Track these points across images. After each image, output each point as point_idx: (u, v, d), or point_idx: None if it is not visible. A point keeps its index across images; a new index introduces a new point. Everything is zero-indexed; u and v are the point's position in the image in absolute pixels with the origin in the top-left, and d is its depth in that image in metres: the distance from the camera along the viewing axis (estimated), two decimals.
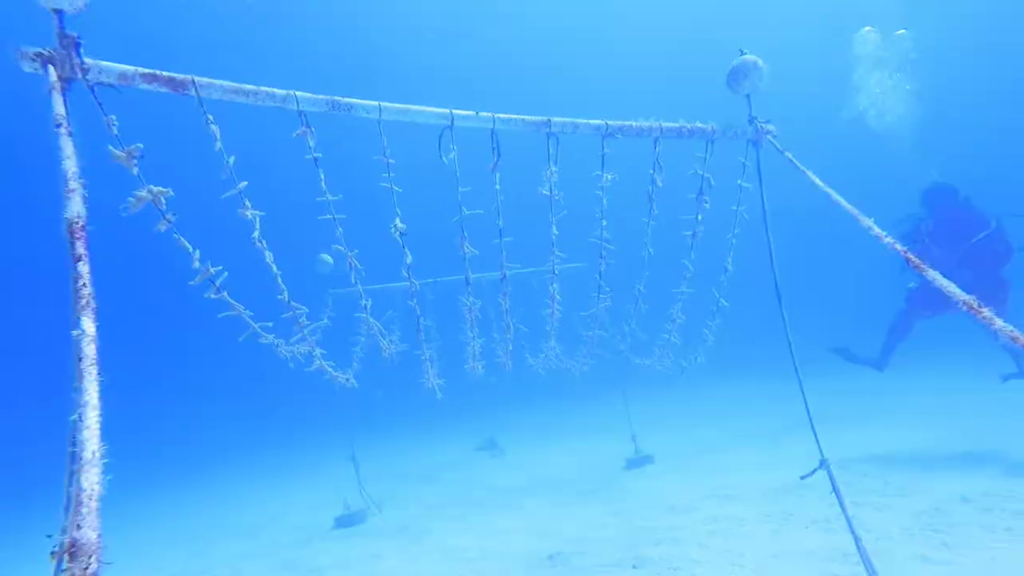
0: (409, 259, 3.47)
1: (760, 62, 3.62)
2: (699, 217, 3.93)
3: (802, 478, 3.48)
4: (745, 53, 3.63)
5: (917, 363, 6.23)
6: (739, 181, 3.85)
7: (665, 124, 3.51)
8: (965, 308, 1.75)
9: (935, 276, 1.94)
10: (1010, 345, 5.62)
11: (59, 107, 1.70)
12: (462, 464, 9.74)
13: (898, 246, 2.26)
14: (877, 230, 2.44)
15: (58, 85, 1.86)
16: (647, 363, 5.09)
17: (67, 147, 1.52)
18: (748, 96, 3.72)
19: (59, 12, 2.07)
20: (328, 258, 8.54)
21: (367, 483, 8.10)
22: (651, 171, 3.68)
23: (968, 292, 6.07)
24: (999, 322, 1.68)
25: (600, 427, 10.89)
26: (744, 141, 3.75)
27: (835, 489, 3.41)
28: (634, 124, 3.47)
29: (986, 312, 1.70)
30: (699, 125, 3.60)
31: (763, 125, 3.73)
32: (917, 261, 2.09)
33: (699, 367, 4.42)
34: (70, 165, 1.46)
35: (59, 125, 1.59)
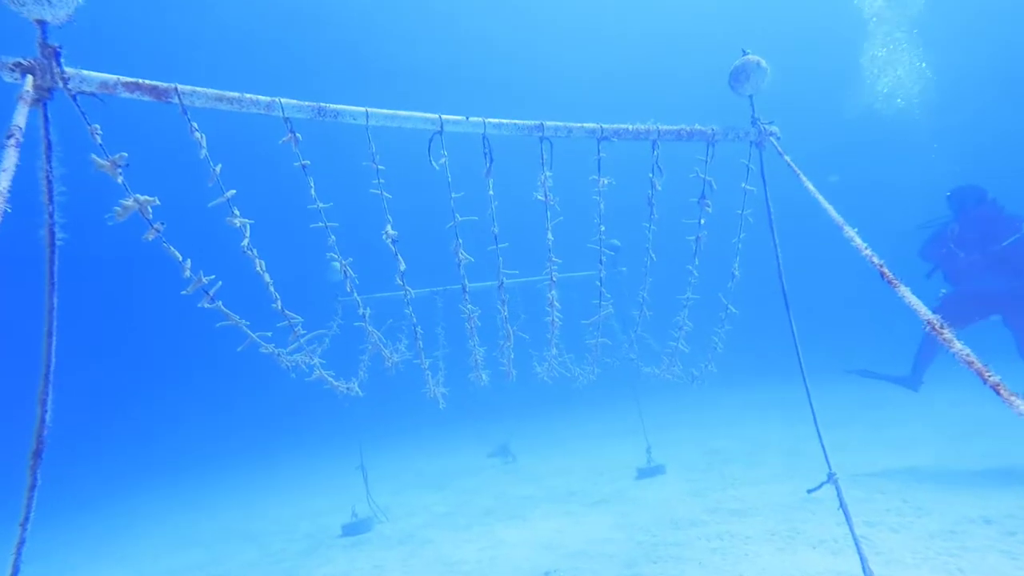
0: (403, 266, 3.44)
1: (763, 62, 3.53)
2: (701, 221, 3.84)
3: (809, 492, 3.35)
4: (748, 53, 3.55)
5: (942, 372, 5.97)
6: (743, 184, 3.75)
7: (663, 127, 3.44)
8: (928, 328, 1.65)
9: (905, 292, 1.84)
10: None
11: (20, 118, 1.69)
12: (473, 471, 9.67)
13: (875, 259, 2.15)
14: (859, 241, 2.34)
15: (28, 97, 1.86)
16: (656, 372, 5.01)
17: (9, 160, 1.50)
18: (751, 97, 3.64)
19: (42, 23, 2.08)
20: (338, 265, 8.61)
21: (379, 489, 8.10)
22: (650, 175, 3.61)
23: (1001, 299, 5.78)
24: (957, 345, 1.59)
25: (615, 433, 10.76)
26: (747, 143, 3.66)
27: (842, 506, 3.27)
28: (630, 127, 3.40)
29: (947, 333, 1.61)
30: (699, 127, 3.52)
31: (766, 126, 3.63)
32: (891, 276, 1.98)
33: (715, 373, 4.32)
34: (2, 179, 1.43)
35: (10, 136, 1.58)
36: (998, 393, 1.46)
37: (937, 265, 5.96)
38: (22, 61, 2.04)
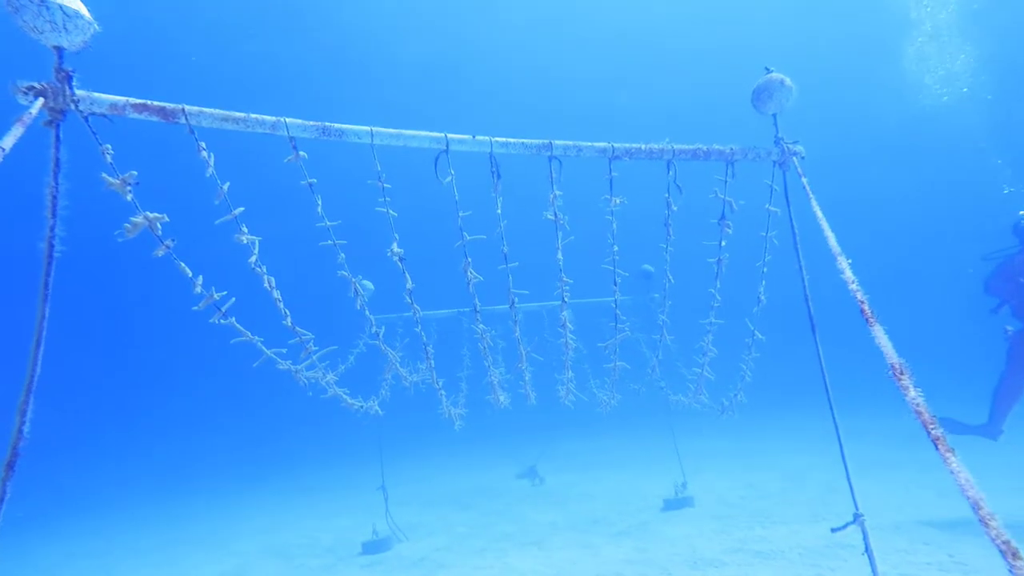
0: (410, 284, 3.43)
1: (787, 80, 3.41)
2: (722, 243, 3.71)
3: (833, 531, 3.15)
4: (771, 71, 3.44)
5: None
6: (767, 205, 3.61)
7: (677, 146, 3.33)
8: (890, 373, 1.52)
9: (878, 332, 1.69)
10: None
11: (9, 140, 1.75)
12: (501, 491, 9.55)
13: (859, 294, 1.99)
14: (849, 273, 2.18)
15: (28, 119, 1.94)
16: (684, 400, 4.85)
17: None
18: (775, 116, 3.52)
19: (59, 49, 2.18)
20: (369, 284, 8.74)
21: (408, 504, 8.10)
22: (666, 195, 3.51)
23: None
24: (912, 392, 1.47)
25: (647, 459, 10.43)
26: (770, 163, 3.52)
27: (867, 551, 3.03)
28: (643, 146, 3.31)
29: (904, 380, 1.49)
30: (716, 147, 3.40)
31: (790, 146, 3.48)
32: (868, 313, 1.83)
33: (756, 400, 4.13)
34: None
35: None
36: (936, 447, 1.37)
37: (1004, 300, 5.49)
38: (35, 85, 2.14)
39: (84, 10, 2.17)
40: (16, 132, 1.82)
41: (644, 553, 5.15)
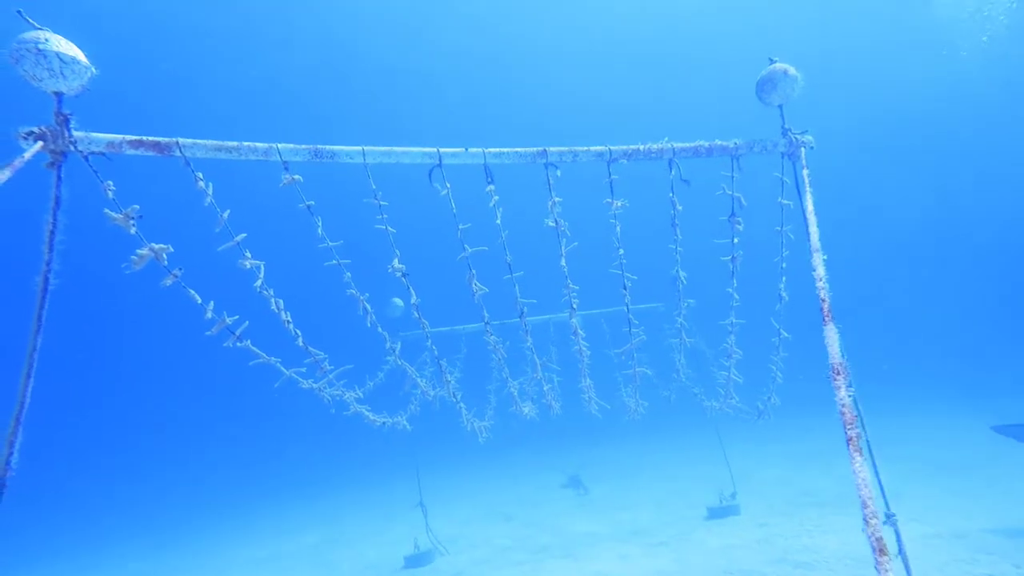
0: (415, 299, 3.44)
1: (791, 70, 3.30)
2: (735, 240, 3.59)
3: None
4: (775, 61, 3.32)
5: None
6: (779, 199, 3.47)
7: (678, 144, 3.24)
8: (831, 372, 1.50)
9: (830, 331, 1.61)
10: None
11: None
12: (544, 501, 9.45)
13: (824, 292, 1.90)
14: (821, 270, 2.07)
15: (19, 163, 2.06)
16: (716, 405, 4.72)
17: None
18: (780, 107, 3.38)
19: (59, 94, 2.31)
20: (399, 301, 8.89)
21: (453, 516, 8.27)
22: (670, 194, 3.42)
23: None
24: (843, 392, 1.47)
25: (695, 465, 10.11)
26: (779, 155, 3.37)
27: (901, 553, 2.83)
28: (642, 147, 3.23)
29: (839, 380, 1.50)
30: (719, 143, 3.29)
31: (798, 136, 3.33)
32: (828, 312, 1.75)
33: (809, 400, 3.95)
34: None
35: None
36: (848, 446, 1.58)
37: None
38: (34, 129, 2.27)
39: (81, 55, 2.27)
40: (4, 175, 1.93)
41: (681, 564, 4.95)
